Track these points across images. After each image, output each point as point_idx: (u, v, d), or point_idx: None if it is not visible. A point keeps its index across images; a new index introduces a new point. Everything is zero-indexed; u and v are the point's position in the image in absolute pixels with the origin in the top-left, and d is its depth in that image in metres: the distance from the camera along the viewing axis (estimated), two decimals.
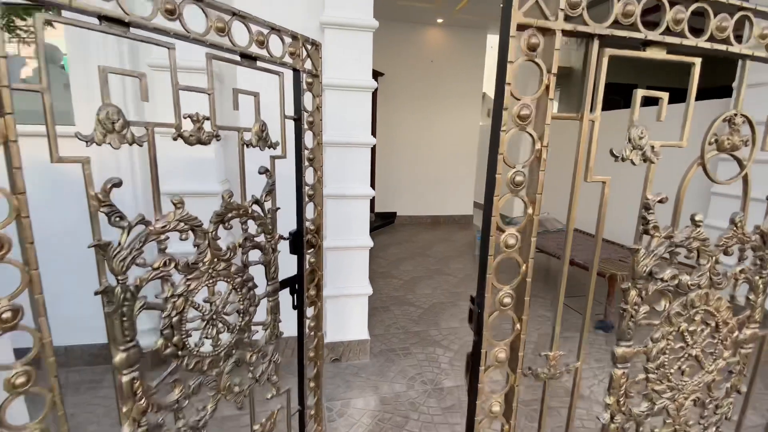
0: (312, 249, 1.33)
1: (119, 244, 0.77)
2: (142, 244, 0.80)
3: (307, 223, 1.29)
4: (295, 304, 1.29)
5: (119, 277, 0.78)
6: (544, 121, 0.74)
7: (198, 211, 0.91)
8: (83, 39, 1.85)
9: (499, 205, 0.75)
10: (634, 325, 0.90)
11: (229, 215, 0.98)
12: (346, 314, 2.15)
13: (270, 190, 1.09)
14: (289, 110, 1.20)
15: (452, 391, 1.99)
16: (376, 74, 5.30)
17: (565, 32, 0.71)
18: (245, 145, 1.02)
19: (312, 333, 1.38)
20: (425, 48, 5.55)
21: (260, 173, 1.07)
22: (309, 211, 1.30)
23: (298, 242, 1.26)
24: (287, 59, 1.11)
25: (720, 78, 5.87)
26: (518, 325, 0.82)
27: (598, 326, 2.71)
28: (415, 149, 5.83)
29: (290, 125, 1.21)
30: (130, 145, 0.77)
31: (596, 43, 0.73)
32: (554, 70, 0.72)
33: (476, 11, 4.82)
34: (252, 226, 1.08)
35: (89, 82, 1.86)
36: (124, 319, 0.80)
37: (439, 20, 5.27)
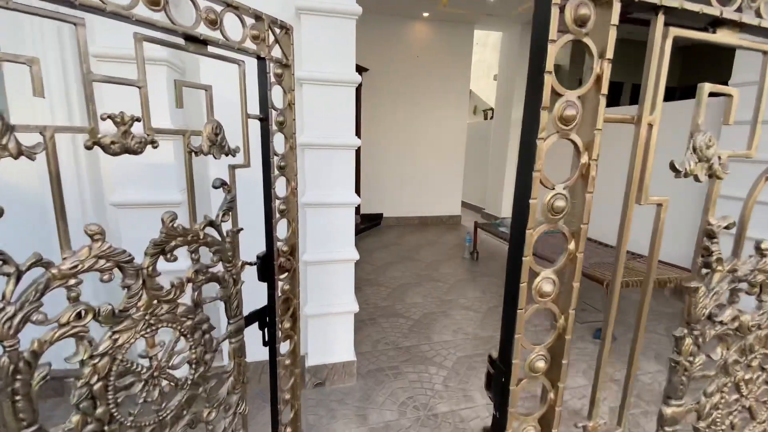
0: (286, 273, 1.12)
1: (2, 297, 0.55)
2: (40, 294, 0.58)
3: (279, 244, 1.08)
4: (266, 340, 1.08)
5: (6, 343, 0.56)
6: (594, 124, 0.55)
7: (157, 225, 0.72)
8: (17, 26, 1.58)
9: (533, 239, 0.56)
10: (687, 380, 0.72)
11: (173, 243, 0.76)
12: (330, 334, 1.95)
13: (229, 208, 0.88)
14: (256, 108, 0.98)
15: (447, 417, 1.81)
16: (360, 69, 5.07)
17: (624, 1, 0.52)
18: (193, 153, 0.80)
19: (288, 372, 1.17)
20: (411, 43, 5.35)
21: (215, 187, 0.86)
22: (282, 229, 1.09)
23: (267, 267, 1.05)
24: (249, 44, 0.89)
25: (717, 74, 5.91)
26: (551, 394, 0.63)
27: (598, 335, 2.58)
28: (402, 148, 5.64)
29: (256, 126, 0.99)
30: (15, 158, 0.55)
31: (661, 20, 0.55)
32: (609, 54, 0.53)
33: (462, 4, 4.65)
34: (207, 254, 0.86)
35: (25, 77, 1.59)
36: (18, 398, 0.58)
37: (425, 14, 5.08)
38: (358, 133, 5.34)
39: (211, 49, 0.81)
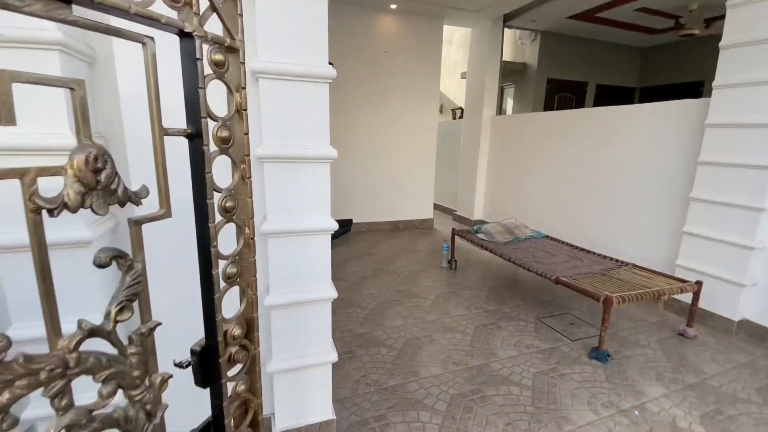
0: (240, 367, 0.74)
1: None
2: None
3: (230, 327, 0.70)
4: None
5: None
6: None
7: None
8: None
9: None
10: None
11: (5, 398, 0.38)
12: (303, 391, 1.58)
13: (130, 298, 0.50)
14: (180, 118, 0.61)
15: None
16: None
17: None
18: (47, 212, 0.42)
19: None
20: (378, 37, 5.00)
21: (99, 266, 0.47)
22: (231, 302, 0.71)
23: (209, 366, 0.67)
24: (165, 9, 0.52)
25: (688, 74, 6.02)
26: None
27: (594, 356, 2.39)
28: (370, 148, 5.29)
29: (182, 147, 0.62)
30: None
31: None
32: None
33: None
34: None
35: None
36: None
37: (393, 6, 4.75)
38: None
39: (84, 13, 0.43)
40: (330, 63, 4.73)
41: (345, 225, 5.29)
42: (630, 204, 3.56)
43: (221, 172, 0.69)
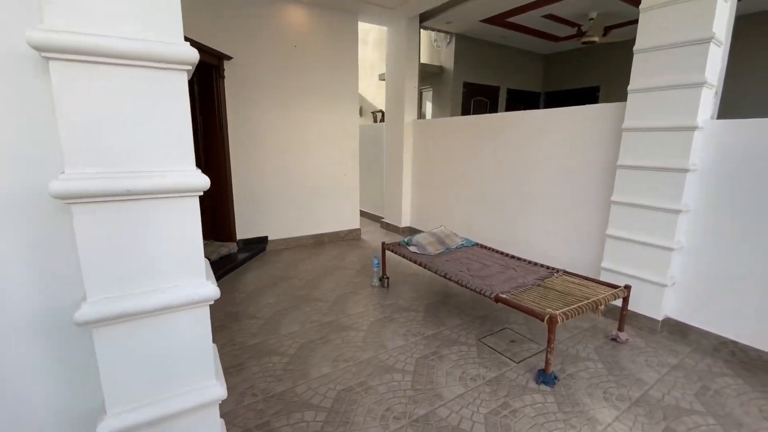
0: None
1: None
2: None
3: None
4: None
5: None
6: None
7: None
8: None
9: None
10: None
11: None
12: None
13: None
14: None
15: None
16: (222, 57, 3.98)
17: None
18: None
19: None
20: (287, 30, 4.44)
21: None
22: None
23: None
24: None
25: (586, 80, 6.46)
26: None
27: (542, 380, 2.20)
28: (284, 155, 4.71)
29: None
30: None
31: None
32: None
33: None
34: None
35: None
36: None
37: None
38: (220, 143, 4.24)
39: None
40: (228, 56, 3.99)
41: (258, 243, 4.63)
42: (554, 208, 3.56)
43: None
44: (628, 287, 2.59)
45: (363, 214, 6.82)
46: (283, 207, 4.80)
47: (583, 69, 6.62)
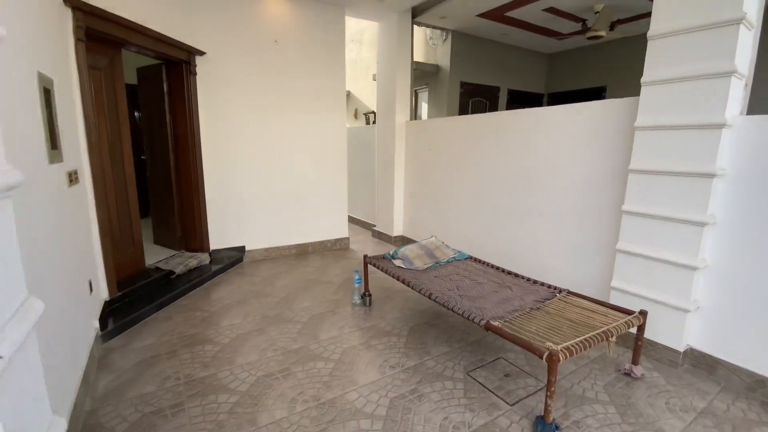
0: None
1: None
2: None
3: None
4: None
5: None
6: None
7: None
8: None
9: None
10: None
11: None
12: None
13: None
14: None
15: None
16: (192, 51, 3.65)
17: None
18: None
19: None
20: (266, 24, 4.12)
21: None
22: None
23: None
24: None
25: (591, 80, 6.06)
26: None
27: (541, 428, 1.80)
28: (263, 158, 4.36)
29: None
30: None
31: None
32: None
33: None
34: None
35: None
36: None
37: None
38: (190, 144, 3.86)
39: None
40: (201, 52, 3.54)
41: (233, 255, 4.27)
42: (557, 218, 3.17)
43: None
44: (643, 313, 2.19)
45: (355, 221, 6.46)
46: (263, 215, 4.44)
47: (588, 68, 6.25)
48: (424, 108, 6.56)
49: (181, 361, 2.37)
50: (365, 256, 3.25)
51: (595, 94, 6.05)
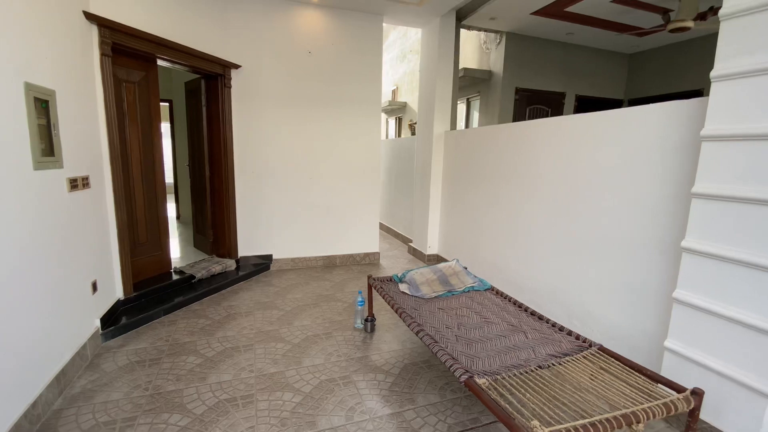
0: None
1: None
2: None
3: None
4: None
5: None
6: None
7: None
8: None
9: None
10: None
11: None
12: None
13: None
14: None
15: None
16: (228, 65, 3.79)
17: None
18: None
19: None
20: (300, 36, 4.13)
21: None
22: None
23: None
24: None
25: (683, 82, 5.07)
26: None
27: None
28: (294, 168, 4.35)
29: None
30: None
31: None
32: None
33: None
34: None
35: None
36: None
37: None
38: (223, 154, 3.96)
39: None
40: (236, 65, 3.61)
41: (260, 263, 4.29)
42: (601, 249, 2.55)
43: None
44: (698, 393, 1.57)
45: (395, 235, 6.21)
46: (291, 224, 4.43)
47: (679, 69, 5.21)
48: (475, 117, 6.09)
49: (160, 370, 2.34)
50: (369, 277, 2.97)
51: (689, 98, 4.99)
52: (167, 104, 6.08)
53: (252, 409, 2.01)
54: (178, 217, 6.48)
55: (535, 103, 5.56)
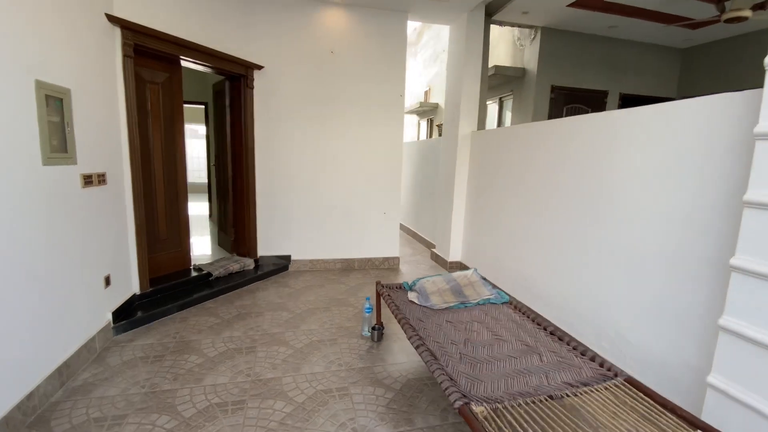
0: None
1: None
2: None
3: None
4: None
5: None
6: None
7: None
8: None
9: None
10: None
11: None
12: None
13: None
14: None
15: None
16: (251, 66, 3.82)
17: None
18: None
19: None
20: (321, 35, 4.10)
21: None
22: None
23: None
24: None
25: (743, 79, 4.50)
26: None
27: None
28: (314, 169, 4.32)
29: None
30: None
31: None
32: None
33: None
34: None
35: None
36: None
37: None
38: (244, 154, 3.99)
39: None
40: (259, 66, 3.71)
41: (278, 263, 4.28)
42: (636, 262, 2.25)
43: None
44: None
45: (419, 239, 6.02)
46: (309, 225, 4.39)
47: (739, 64, 4.63)
48: (508, 117, 5.78)
49: (160, 368, 2.34)
50: (377, 283, 2.84)
51: None
52: (203, 106, 6.29)
53: (240, 416, 1.94)
54: (210, 216, 6.69)
55: (573, 102, 5.17)
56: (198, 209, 7.30)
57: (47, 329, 2.01)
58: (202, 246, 5.10)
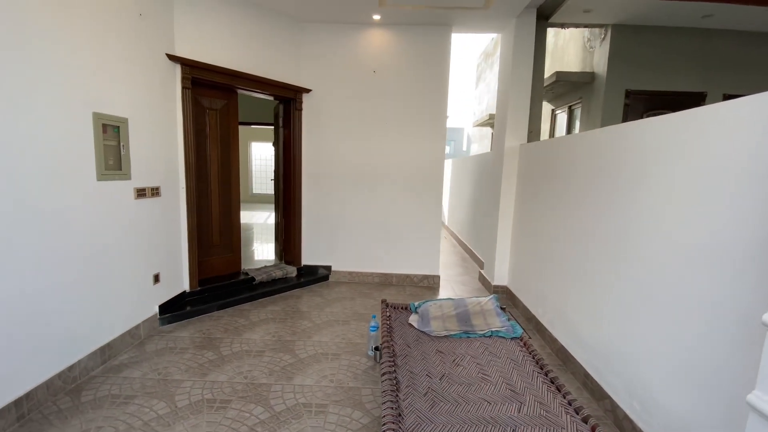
0: None
1: None
2: None
3: None
4: None
5: None
6: None
7: None
8: None
9: None
10: None
11: None
12: None
13: None
14: None
15: None
16: (299, 90, 4.15)
17: None
18: None
19: None
20: (364, 55, 4.25)
21: None
22: None
23: None
24: None
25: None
26: None
27: None
28: (357, 184, 4.44)
29: None
30: None
31: None
32: None
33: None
34: None
35: None
36: None
37: (376, 17, 3.95)
38: (292, 171, 4.33)
39: None
40: (307, 89, 4.31)
41: (319, 273, 4.48)
42: (663, 309, 1.80)
43: None
44: None
45: (475, 259, 5.70)
46: (351, 239, 4.51)
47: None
48: (576, 128, 5.15)
49: (181, 359, 2.65)
50: (382, 302, 2.78)
51: None
52: (272, 127, 6.97)
53: (221, 415, 2.08)
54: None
55: (656, 108, 4.37)
56: (271, 218, 8.06)
57: (95, 314, 2.45)
58: (264, 252, 5.62)
